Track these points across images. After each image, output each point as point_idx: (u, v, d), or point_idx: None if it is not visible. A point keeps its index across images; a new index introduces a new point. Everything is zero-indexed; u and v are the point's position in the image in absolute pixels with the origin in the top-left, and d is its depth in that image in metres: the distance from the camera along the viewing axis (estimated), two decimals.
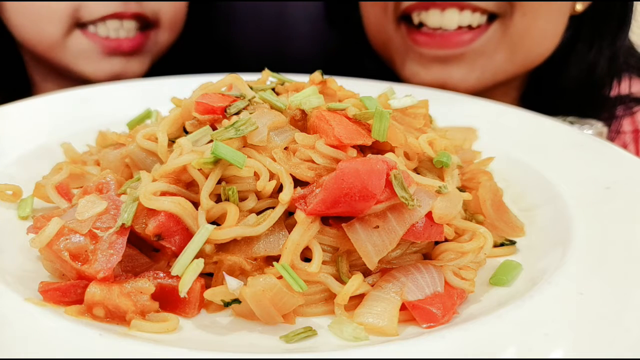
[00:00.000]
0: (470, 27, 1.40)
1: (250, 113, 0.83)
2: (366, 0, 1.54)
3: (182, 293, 0.70)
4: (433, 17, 1.39)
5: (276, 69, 1.04)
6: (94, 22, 1.46)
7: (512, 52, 1.43)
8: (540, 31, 1.43)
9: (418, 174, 0.85)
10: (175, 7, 1.57)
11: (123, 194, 0.79)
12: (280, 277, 0.72)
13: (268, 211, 0.77)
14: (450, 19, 1.38)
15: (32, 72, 1.67)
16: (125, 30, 1.49)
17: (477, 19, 1.39)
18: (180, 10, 1.60)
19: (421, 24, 1.43)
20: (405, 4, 1.41)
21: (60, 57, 1.51)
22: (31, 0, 1.43)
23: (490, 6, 1.37)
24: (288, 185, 0.77)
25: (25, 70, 1.68)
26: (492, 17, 1.40)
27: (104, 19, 1.45)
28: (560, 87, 1.59)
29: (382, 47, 1.57)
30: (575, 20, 1.51)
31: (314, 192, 0.76)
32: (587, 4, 1.49)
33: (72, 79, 1.54)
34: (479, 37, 1.40)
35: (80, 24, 1.46)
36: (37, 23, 1.46)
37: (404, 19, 1.45)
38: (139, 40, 1.51)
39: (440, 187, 0.80)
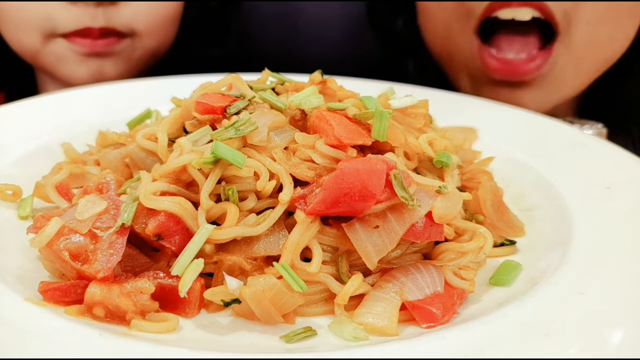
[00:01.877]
0: (538, 37, 1.34)
1: (250, 113, 0.83)
2: (431, 0, 1.46)
3: (182, 293, 0.70)
4: (506, 12, 1.32)
5: (286, 70, 1.04)
6: (71, 34, 1.45)
7: (578, 65, 1.37)
8: (607, 37, 1.34)
9: (418, 174, 0.85)
10: (151, 18, 1.51)
11: (123, 194, 0.79)
12: (280, 277, 0.72)
13: (268, 211, 0.77)
14: (523, 12, 1.31)
15: (38, 75, 1.68)
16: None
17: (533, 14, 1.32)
18: (161, 19, 1.54)
19: (493, 30, 1.36)
20: (480, 8, 1.34)
21: (46, 63, 1.52)
22: None
23: (556, 10, 1.30)
24: (288, 185, 0.77)
25: (33, 72, 1.69)
26: (548, 37, 1.33)
27: (75, 34, 1.44)
28: (624, 96, 1.50)
29: (446, 57, 1.49)
30: None
31: (314, 192, 0.76)
32: None
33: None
34: (546, 62, 1.34)
35: (60, 34, 1.46)
36: (15, 34, 1.49)
37: (480, 35, 1.38)
38: (109, 40, 1.47)
39: (440, 187, 0.80)
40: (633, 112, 1.51)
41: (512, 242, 0.90)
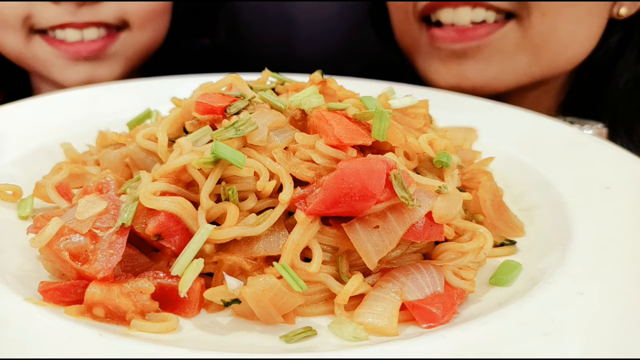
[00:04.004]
0: (484, 23, 1.37)
1: (250, 113, 0.83)
2: (391, 0, 1.54)
3: (182, 293, 0.70)
4: (446, 14, 1.38)
5: (282, 69, 1.04)
6: (52, 28, 1.43)
7: (536, 54, 1.38)
8: (568, 33, 1.35)
9: (418, 174, 0.85)
10: (144, 7, 1.49)
11: (123, 194, 0.79)
12: (280, 277, 0.72)
13: (268, 211, 0.77)
14: (462, 15, 1.36)
15: (32, 77, 1.67)
16: (86, 37, 1.45)
17: (491, 16, 1.36)
18: (152, 9, 1.52)
19: (439, 23, 1.42)
20: (421, 5, 1.41)
21: (32, 65, 1.51)
22: None
23: (503, 5, 1.33)
24: (288, 185, 0.77)
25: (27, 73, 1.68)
26: (508, 16, 1.36)
27: (54, 28, 1.42)
28: (605, 98, 1.49)
29: (407, 48, 1.56)
30: (625, 25, 1.42)
31: (314, 192, 0.76)
32: (636, 7, 1.40)
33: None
34: (494, 32, 1.36)
35: (38, 30, 1.44)
36: None
37: (425, 20, 1.44)
38: (99, 44, 1.46)
39: (440, 187, 0.80)
40: (615, 113, 1.50)
41: (512, 242, 0.90)
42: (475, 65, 1.40)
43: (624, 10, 1.40)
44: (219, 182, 0.78)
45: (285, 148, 0.82)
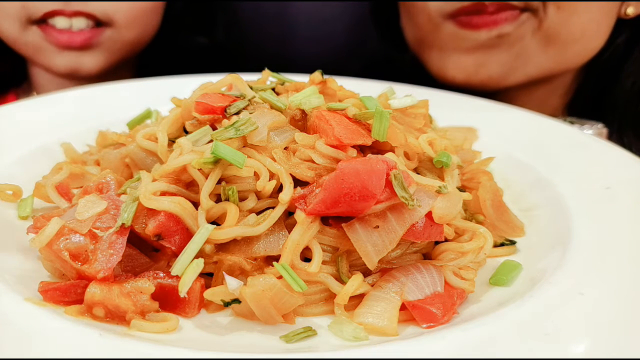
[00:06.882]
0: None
1: (250, 113, 0.83)
2: (409, 0, 1.52)
3: (182, 293, 0.70)
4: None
5: (281, 69, 1.04)
6: (44, 16, 1.48)
7: (547, 45, 1.38)
8: (580, 28, 1.36)
9: (418, 174, 0.85)
10: (130, 7, 1.53)
11: (123, 194, 0.79)
12: (280, 277, 0.72)
13: (268, 211, 0.77)
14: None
15: (30, 67, 1.70)
16: (75, 26, 1.49)
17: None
18: (139, 9, 1.55)
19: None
20: (447, 12, 1.40)
21: (25, 50, 1.56)
22: None
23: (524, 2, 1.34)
24: (288, 185, 0.77)
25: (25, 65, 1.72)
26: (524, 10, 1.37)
27: (46, 15, 1.47)
28: (612, 100, 1.49)
29: (420, 44, 1.54)
30: (632, 26, 1.43)
31: (314, 192, 0.76)
32: None
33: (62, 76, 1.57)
34: (515, 19, 1.36)
35: (35, 21, 1.49)
36: None
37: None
38: (87, 34, 1.50)
39: (440, 187, 0.80)
40: (628, 112, 1.49)
41: (512, 242, 0.90)
42: (498, 55, 1.40)
43: (631, 10, 1.41)
44: (219, 182, 0.78)
45: (285, 148, 0.82)
